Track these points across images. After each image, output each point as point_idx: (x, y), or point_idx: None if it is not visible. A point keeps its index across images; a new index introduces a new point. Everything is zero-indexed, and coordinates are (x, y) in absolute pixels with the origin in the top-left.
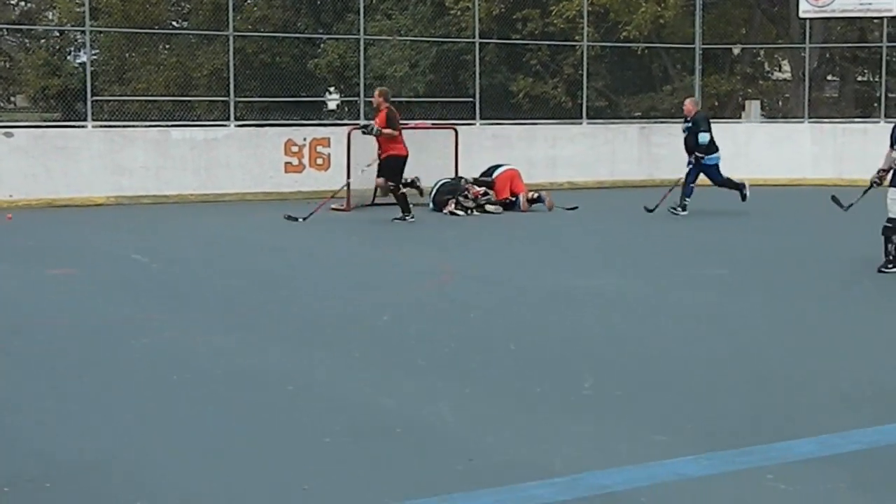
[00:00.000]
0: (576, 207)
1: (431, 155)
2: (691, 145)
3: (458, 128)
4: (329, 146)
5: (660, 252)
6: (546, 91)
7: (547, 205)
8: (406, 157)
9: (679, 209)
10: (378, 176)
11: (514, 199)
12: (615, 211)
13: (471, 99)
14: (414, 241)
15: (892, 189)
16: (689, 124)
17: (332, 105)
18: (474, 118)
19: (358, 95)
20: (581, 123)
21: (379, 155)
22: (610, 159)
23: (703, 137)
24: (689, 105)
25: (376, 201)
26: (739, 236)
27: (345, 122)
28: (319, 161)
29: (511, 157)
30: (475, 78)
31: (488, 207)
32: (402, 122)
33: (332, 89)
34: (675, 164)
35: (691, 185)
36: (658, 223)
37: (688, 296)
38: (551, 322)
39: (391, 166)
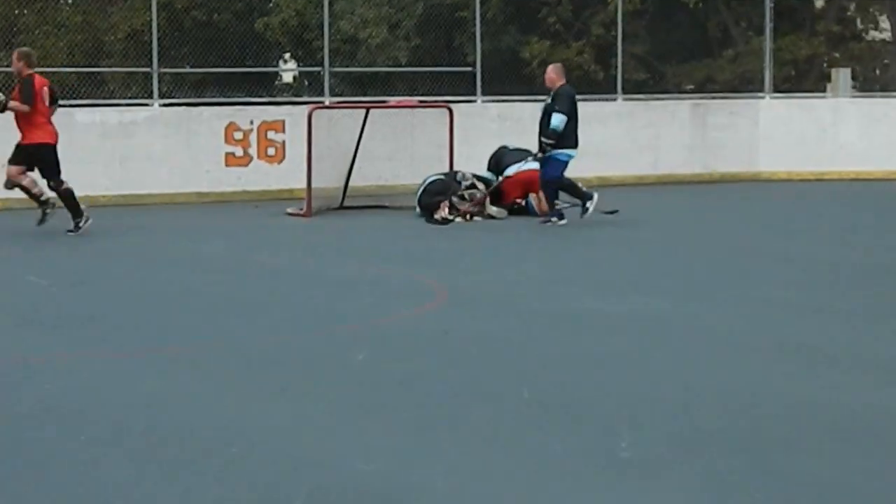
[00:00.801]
0: (615, 211)
1: (418, 142)
2: (544, 129)
3: (452, 106)
4: (283, 131)
5: (707, 266)
6: (569, 58)
7: (538, 209)
8: (53, 145)
9: (555, 219)
10: (11, 163)
11: (522, 202)
12: (657, 214)
13: (470, 68)
14: (395, 254)
15: None
16: (550, 100)
17: (287, 77)
18: (474, 94)
19: (321, 65)
20: (615, 100)
21: (19, 143)
22: (653, 147)
23: (557, 120)
24: (551, 73)
25: (346, 204)
26: (810, 247)
27: (304, 99)
28: (271, 151)
29: (520, 143)
30: (475, 42)
31: (491, 210)
32: (379, 99)
33: (287, 57)
34: (739, 153)
35: (554, 179)
36: (704, 229)
37: (743, 322)
38: (572, 356)
39: (35, 157)
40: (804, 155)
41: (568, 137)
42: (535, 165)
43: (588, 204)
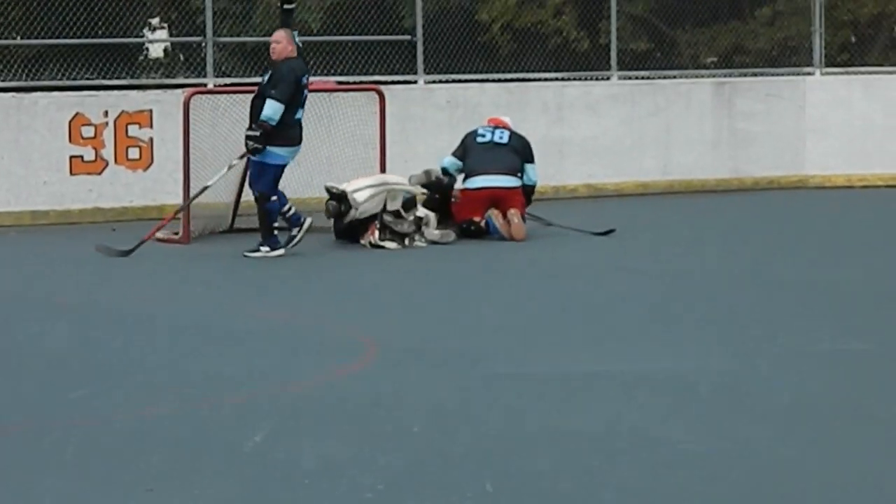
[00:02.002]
0: (610, 231)
1: (337, 139)
2: (255, 115)
3: (384, 89)
4: (150, 125)
5: (736, 307)
6: (544, 21)
7: (513, 231)
8: None
9: (266, 248)
10: None
11: (481, 221)
12: (666, 235)
13: (408, 37)
14: (307, 294)
15: None
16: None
17: (155, 51)
18: (414, 71)
19: (202, 33)
20: (608, 78)
21: None
22: (662, 143)
23: (270, 109)
24: (283, 41)
25: (238, 226)
26: (877, 281)
27: (178, 81)
28: (133, 153)
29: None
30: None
31: (432, 235)
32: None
33: (155, 23)
34: (778, 151)
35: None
36: (732, 255)
37: (797, 386)
38: (550, 434)
39: None
40: (868, 152)
41: (282, 132)
42: (511, 182)
43: (296, 231)
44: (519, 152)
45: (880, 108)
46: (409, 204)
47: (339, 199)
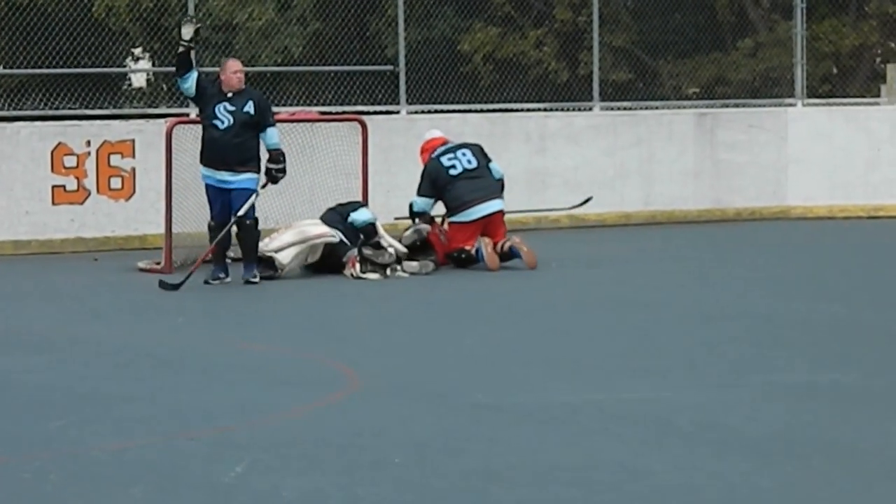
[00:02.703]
0: (588, 199)
1: (319, 169)
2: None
3: (367, 119)
4: (133, 155)
5: (719, 340)
6: (525, 52)
7: (526, 260)
8: None
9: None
10: None
11: (470, 250)
12: (649, 266)
13: (390, 67)
14: (289, 324)
15: None
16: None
17: (138, 81)
18: (397, 101)
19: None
20: (590, 109)
21: None
22: (643, 174)
23: (277, 137)
24: (242, 73)
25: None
26: (858, 313)
27: (161, 111)
28: (115, 183)
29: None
30: (397, 29)
31: (409, 267)
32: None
33: (138, 52)
34: (761, 181)
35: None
36: (713, 287)
37: (774, 419)
38: (534, 468)
39: None
40: (850, 183)
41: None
42: (500, 204)
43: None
44: (487, 165)
45: (862, 140)
46: (369, 235)
47: (267, 264)
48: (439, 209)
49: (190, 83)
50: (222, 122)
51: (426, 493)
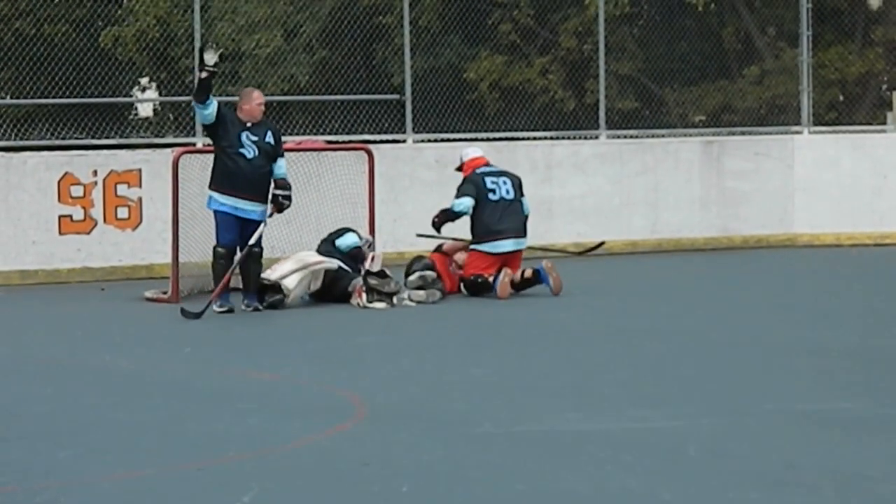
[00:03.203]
0: (601, 245)
1: (327, 198)
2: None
3: (373, 148)
4: (139, 184)
5: (727, 368)
6: (531, 80)
7: (553, 286)
8: None
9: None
10: None
11: (488, 277)
12: (655, 295)
13: (396, 95)
14: (296, 353)
15: None
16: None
17: (145, 110)
18: (403, 130)
19: (191, 92)
20: (596, 137)
21: None
22: (650, 202)
23: (285, 168)
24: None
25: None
26: (865, 340)
27: (167, 140)
28: (122, 213)
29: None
30: (403, 57)
31: (417, 295)
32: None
33: (144, 81)
34: (767, 209)
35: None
36: (720, 315)
37: (785, 446)
38: (545, 496)
39: None
40: (857, 211)
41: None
42: (524, 242)
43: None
44: (521, 199)
45: (868, 167)
46: (357, 258)
47: (273, 290)
48: (450, 228)
49: (211, 110)
50: (249, 152)
51: None
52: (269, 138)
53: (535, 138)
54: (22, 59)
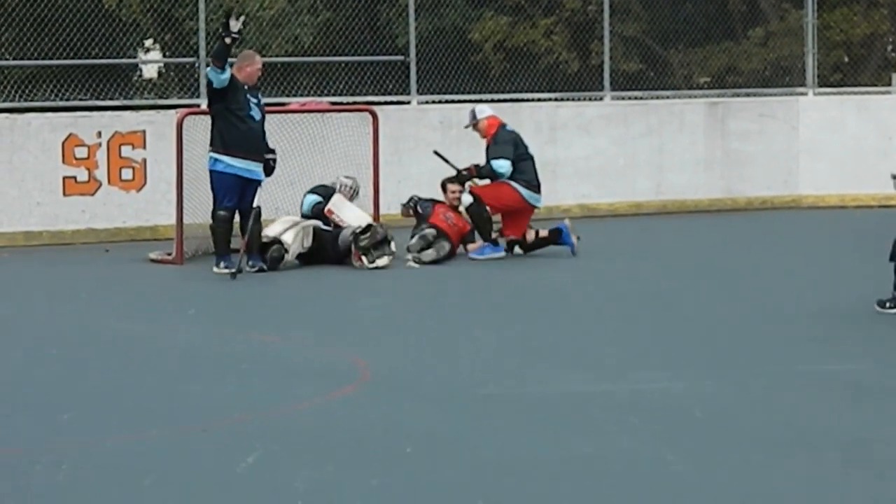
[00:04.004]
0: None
1: (330, 160)
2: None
3: (377, 109)
4: (144, 146)
5: (731, 330)
6: (535, 41)
7: (576, 247)
8: None
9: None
10: None
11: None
12: (659, 257)
13: (401, 57)
14: (300, 316)
15: None
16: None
17: (149, 72)
18: (407, 91)
19: (195, 54)
20: (601, 99)
21: None
22: (654, 163)
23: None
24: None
25: (232, 246)
26: (870, 303)
27: (171, 101)
28: (126, 174)
29: (473, 160)
30: (407, 18)
31: (427, 255)
32: (275, 101)
33: (148, 44)
34: (772, 171)
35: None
36: (724, 277)
37: (788, 409)
38: (547, 460)
39: None
40: (861, 172)
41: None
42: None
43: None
44: None
45: (873, 129)
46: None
47: (273, 245)
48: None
49: (227, 75)
50: (256, 114)
51: (438, 485)
52: (261, 101)
53: (539, 100)
54: (25, 19)
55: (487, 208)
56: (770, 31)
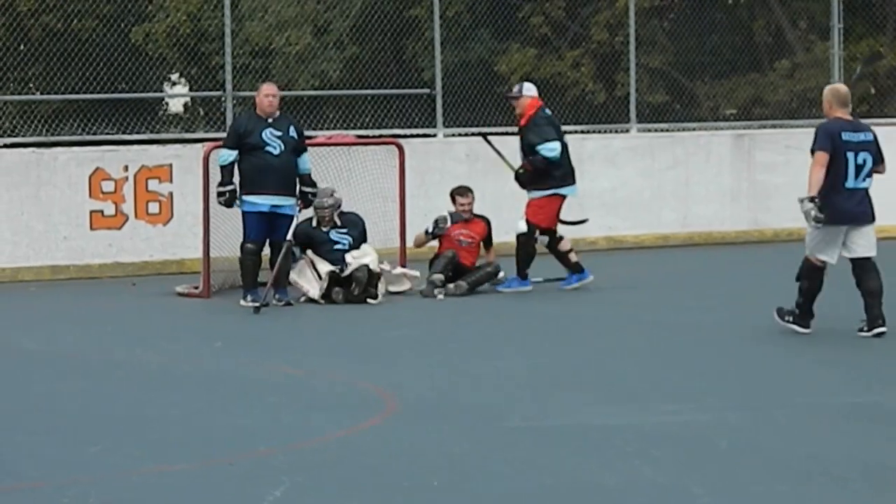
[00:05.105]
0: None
1: (357, 193)
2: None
3: (403, 142)
4: (170, 180)
5: (758, 362)
6: (562, 73)
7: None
8: None
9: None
10: None
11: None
12: (686, 289)
13: (427, 90)
14: (325, 347)
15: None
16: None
17: (175, 106)
18: (433, 124)
19: (222, 88)
20: (627, 131)
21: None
22: (681, 196)
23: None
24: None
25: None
26: None
27: (198, 135)
28: (153, 208)
29: (500, 193)
30: (433, 51)
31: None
32: (305, 133)
33: (175, 78)
34: (796, 201)
35: None
36: (752, 309)
37: (817, 441)
38: (575, 489)
39: None
40: (891, 204)
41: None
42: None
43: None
44: None
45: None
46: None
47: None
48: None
49: (235, 157)
50: (275, 148)
51: None
52: (293, 132)
53: (565, 132)
54: (52, 55)
55: (535, 244)
56: (796, 63)
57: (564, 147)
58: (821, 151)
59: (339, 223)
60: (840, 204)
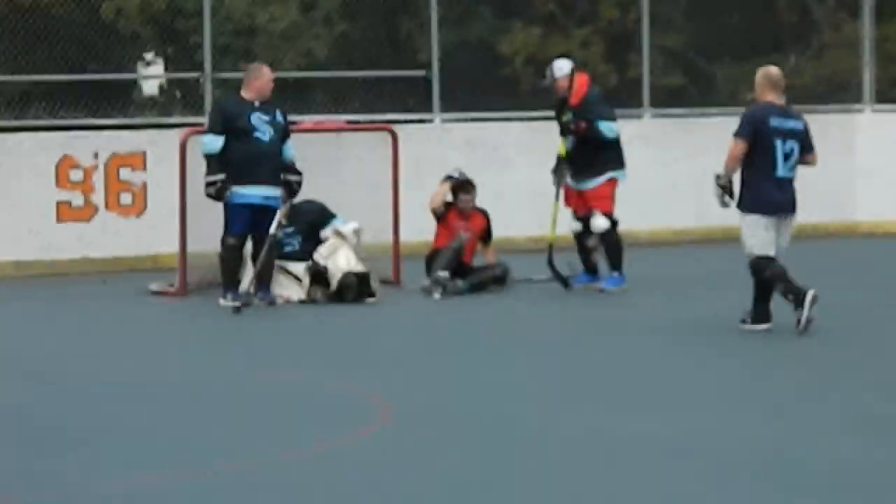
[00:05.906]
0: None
1: (347, 182)
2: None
3: (397, 128)
4: (144, 168)
5: (776, 367)
6: (569, 52)
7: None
8: None
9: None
10: None
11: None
12: (702, 288)
13: (423, 72)
14: (314, 351)
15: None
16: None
17: (150, 88)
18: (430, 109)
19: (200, 68)
20: (640, 117)
21: None
22: (697, 187)
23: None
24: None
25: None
26: None
27: (175, 120)
28: (125, 198)
29: (502, 184)
30: (429, 31)
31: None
32: (290, 118)
33: (150, 57)
34: (825, 195)
35: None
36: (774, 310)
37: (842, 450)
38: (573, 498)
39: None
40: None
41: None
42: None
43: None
44: None
45: None
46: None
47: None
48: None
49: (221, 143)
50: (264, 134)
51: None
52: (279, 118)
53: None
54: (17, 32)
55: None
56: (823, 44)
57: None
58: (738, 139)
59: (283, 222)
60: (771, 193)
